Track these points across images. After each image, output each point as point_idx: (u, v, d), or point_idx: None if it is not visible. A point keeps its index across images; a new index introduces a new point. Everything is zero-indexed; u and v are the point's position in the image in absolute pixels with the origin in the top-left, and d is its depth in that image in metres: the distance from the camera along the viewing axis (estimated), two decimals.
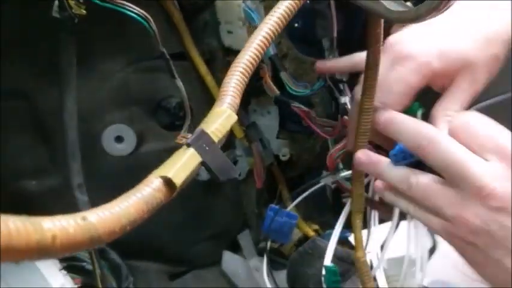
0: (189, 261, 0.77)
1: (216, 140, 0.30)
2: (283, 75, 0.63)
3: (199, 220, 0.75)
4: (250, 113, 0.72)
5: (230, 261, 0.77)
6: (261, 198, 0.76)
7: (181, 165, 0.28)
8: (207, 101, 0.69)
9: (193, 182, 0.71)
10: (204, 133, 0.29)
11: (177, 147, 0.67)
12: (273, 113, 0.71)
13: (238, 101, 0.32)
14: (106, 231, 0.22)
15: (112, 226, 0.22)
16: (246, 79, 0.33)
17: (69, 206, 0.55)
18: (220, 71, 0.69)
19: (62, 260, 0.63)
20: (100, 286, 0.57)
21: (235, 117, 0.31)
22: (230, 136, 0.74)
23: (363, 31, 0.64)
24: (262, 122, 0.72)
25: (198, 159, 0.29)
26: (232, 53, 0.67)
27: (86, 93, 0.59)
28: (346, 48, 0.61)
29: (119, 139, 0.66)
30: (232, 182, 0.76)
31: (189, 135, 0.30)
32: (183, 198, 0.71)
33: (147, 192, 0.25)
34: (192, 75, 0.68)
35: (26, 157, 0.64)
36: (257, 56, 0.34)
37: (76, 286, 0.62)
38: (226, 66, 0.67)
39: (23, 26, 0.59)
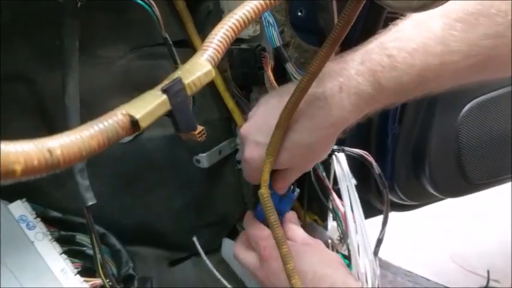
0: (188, 247, 0.77)
1: (189, 92, 0.30)
2: (289, 66, 0.63)
3: (200, 207, 0.75)
4: (251, 102, 0.72)
5: (229, 248, 0.77)
6: (257, 186, 0.76)
7: (151, 109, 0.27)
8: (209, 90, 0.69)
9: (194, 170, 0.71)
10: (180, 83, 0.29)
11: (177, 135, 0.67)
12: None
13: (220, 55, 0.32)
14: (66, 161, 0.23)
15: (73, 157, 0.23)
16: (234, 35, 0.33)
17: (71, 191, 0.56)
18: (222, 59, 0.69)
19: (62, 245, 0.63)
20: (100, 271, 0.57)
21: (213, 74, 0.31)
22: (231, 124, 0.74)
23: (363, 26, 0.64)
24: None
25: (167, 107, 0.29)
26: (234, 41, 0.67)
27: (87, 78, 0.59)
28: (346, 40, 0.61)
29: None
30: (233, 170, 0.77)
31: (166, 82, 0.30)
32: (184, 186, 0.73)
33: (111, 126, 0.25)
34: None
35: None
36: (251, 16, 0.33)
37: (76, 270, 0.62)
38: (229, 54, 0.68)
39: (26, 10, 0.58)
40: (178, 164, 0.70)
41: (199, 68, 0.31)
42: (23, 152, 0.21)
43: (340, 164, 0.63)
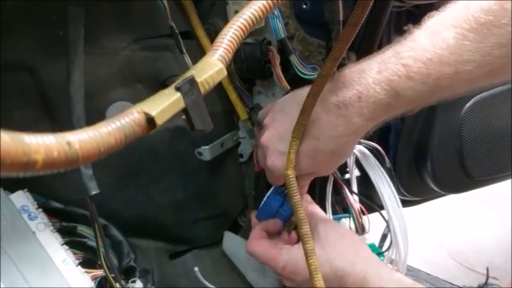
0: (189, 240, 0.77)
1: (202, 90, 0.30)
2: (293, 58, 0.62)
3: (201, 200, 0.75)
4: (254, 95, 0.72)
5: (230, 241, 0.77)
6: (259, 180, 0.76)
7: (166, 107, 0.28)
8: None
9: (196, 162, 0.71)
10: (193, 81, 0.30)
11: (181, 126, 0.67)
12: (277, 95, 0.70)
13: (231, 55, 0.32)
14: (85, 156, 0.23)
15: (91, 152, 0.23)
16: (243, 34, 0.33)
17: (73, 182, 0.56)
18: None
19: (63, 236, 0.63)
20: (103, 262, 0.57)
21: (225, 73, 0.32)
22: (233, 117, 0.74)
23: (369, 17, 0.64)
24: (267, 104, 0.72)
25: (182, 104, 0.29)
26: None
27: (91, 69, 0.59)
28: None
29: None
30: (235, 163, 0.76)
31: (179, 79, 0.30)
32: (186, 179, 0.73)
33: (127, 124, 0.25)
34: (197, 54, 0.68)
35: (29, 131, 0.64)
36: (259, 15, 0.34)
37: (77, 261, 0.62)
38: None
39: None
40: (181, 156, 0.70)
41: (211, 66, 0.31)
42: (44, 144, 0.21)
43: (367, 156, 0.63)
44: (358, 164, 0.66)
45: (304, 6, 0.64)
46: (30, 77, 0.63)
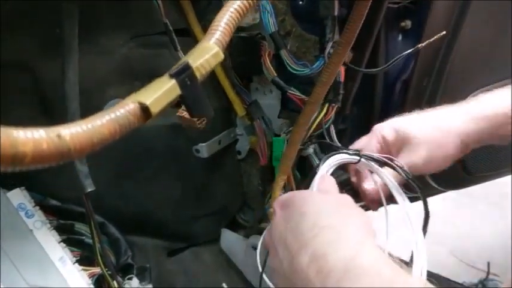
0: (187, 238, 0.77)
1: (198, 75, 0.29)
2: (283, 53, 0.62)
3: (199, 198, 0.75)
4: (252, 91, 0.72)
5: (228, 239, 0.77)
6: (264, 175, 0.76)
7: (161, 95, 0.27)
8: (209, 78, 0.69)
9: (193, 160, 0.71)
10: (188, 67, 0.29)
11: (177, 123, 0.67)
12: (274, 92, 0.70)
13: (227, 38, 0.32)
14: (77, 148, 0.23)
15: (84, 144, 0.23)
16: (239, 18, 0.33)
17: (71, 178, 0.56)
18: None
19: (61, 233, 0.63)
20: (99, 259, 0.57)
21: (221, 56, 0.30)
22: (231, 114, 0.74)
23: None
24: (264, 101, 0.71)
25: (177, 91, 0.28)
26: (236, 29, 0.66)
27: (88, 66, 0.59)
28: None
29: None
30: (233, 160, 0.76)
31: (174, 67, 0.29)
32: (184, 176, 0.72)
33: (121, 114, 0.25)
34: None
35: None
36: None
37: (75, 259, 0.62)
38: (229, 42, 0.67)
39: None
40: (179, 153, 0.70)
41: (207, 50, 0.30)
42: (32, 136, 0.21)
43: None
44: None
45: (300, 2, 0.63)
46: (28, 76, 0.63)
